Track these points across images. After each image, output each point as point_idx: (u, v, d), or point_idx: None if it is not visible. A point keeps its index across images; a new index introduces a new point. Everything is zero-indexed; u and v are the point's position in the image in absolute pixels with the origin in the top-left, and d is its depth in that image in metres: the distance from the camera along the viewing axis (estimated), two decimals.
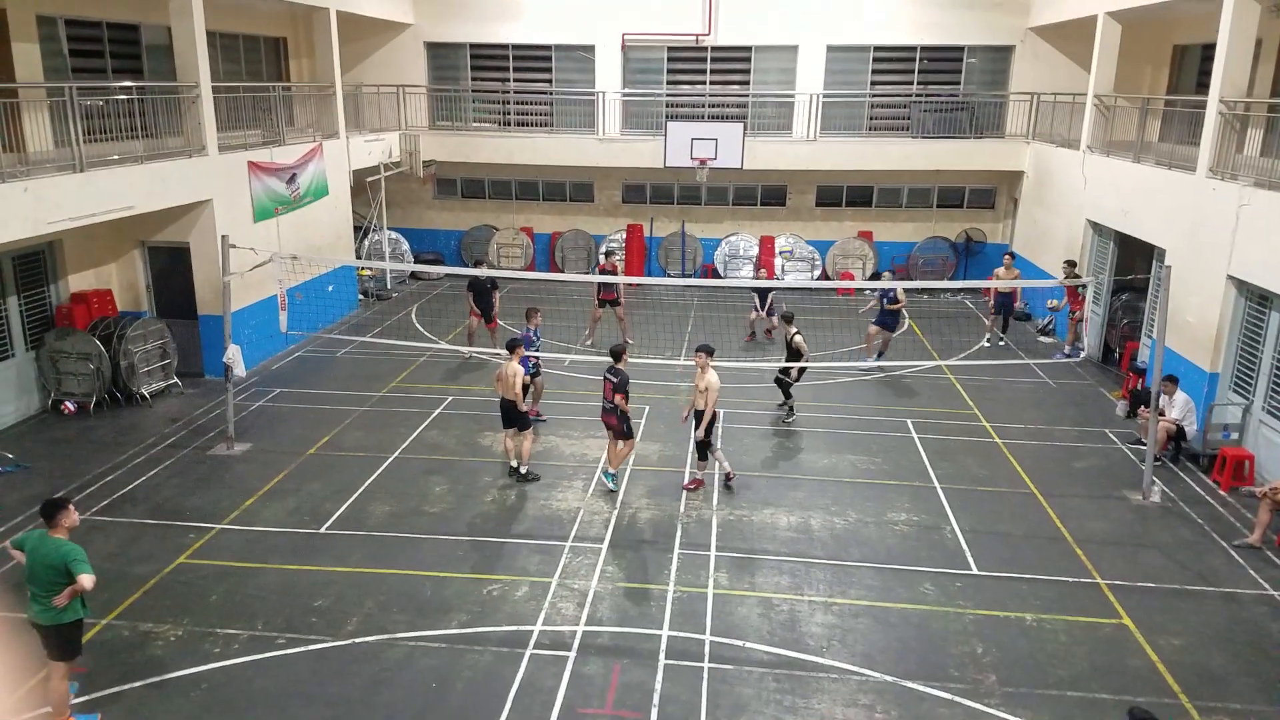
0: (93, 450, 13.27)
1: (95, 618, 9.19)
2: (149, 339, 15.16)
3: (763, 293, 19.48)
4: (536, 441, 13.17)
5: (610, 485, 12.16)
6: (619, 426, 11.98)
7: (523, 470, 12.47)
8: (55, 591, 7.36)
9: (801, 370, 14.94)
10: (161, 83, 15.54)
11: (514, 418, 12.35)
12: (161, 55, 17.30)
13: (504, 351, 12.59)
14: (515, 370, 12.12)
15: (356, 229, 22.66)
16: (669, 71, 24.82)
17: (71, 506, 7.66)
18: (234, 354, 13.15)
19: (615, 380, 11.78)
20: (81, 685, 8.19)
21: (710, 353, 12.13)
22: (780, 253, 24.51)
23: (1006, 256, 19.68)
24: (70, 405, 14.62)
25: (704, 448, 12.22)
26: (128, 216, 13.80)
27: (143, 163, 13.93)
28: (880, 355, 17.44)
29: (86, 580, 7.25)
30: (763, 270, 22.26)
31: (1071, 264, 18.18)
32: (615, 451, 12.22)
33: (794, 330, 14.66)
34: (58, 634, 7.53)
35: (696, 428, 12.03)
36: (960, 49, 24.05)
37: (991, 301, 19.50)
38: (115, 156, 13.51)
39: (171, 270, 16.24)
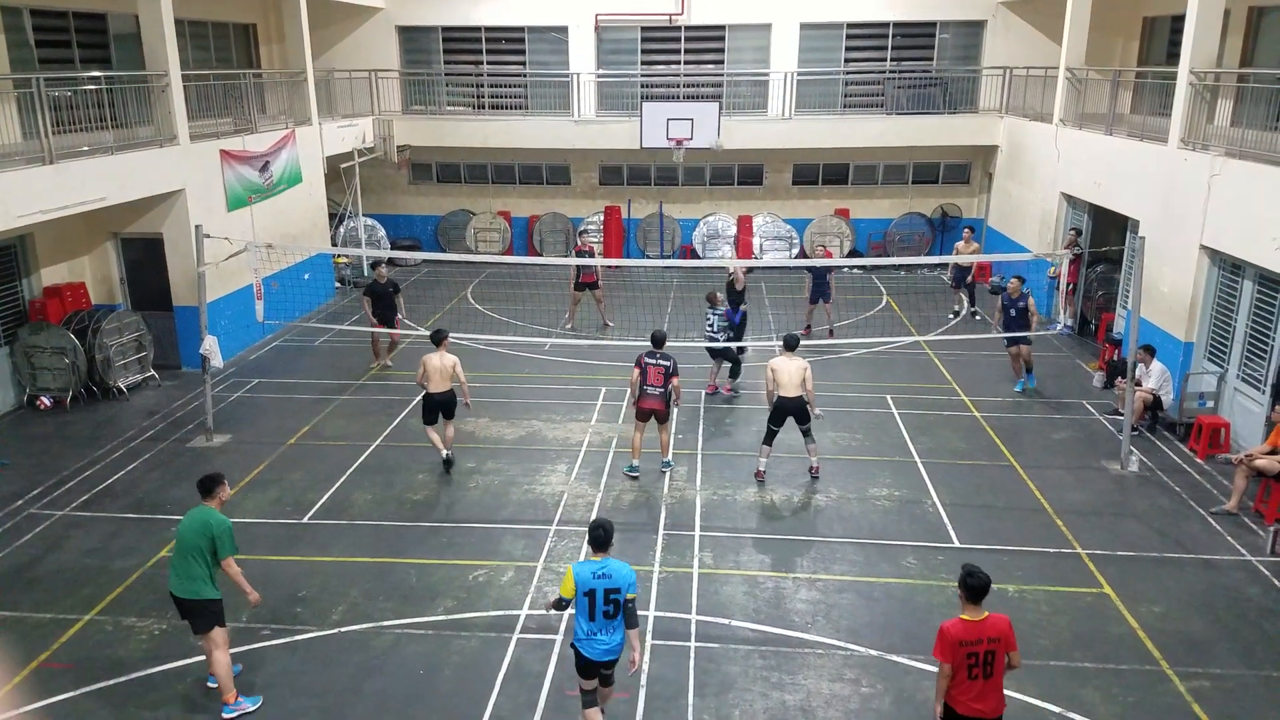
0: (70, 445, 13.15)
1: (79, 613, 9.16)
2: (124, 332, 15.02)
3: (819, 276, 17.87)
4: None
5: (672, 467, 12.27)
6: (665, 410, 11.83)
7: (446, 453, 12.31)
8: (197, 561, 7.49)
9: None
10: (130, 72, 15.34)
11: (449, 409, 12.24)
12: (129, 44, 17.05)
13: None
14: (453, 360, 12.04)
15: (331, 216, 22.48)
16: (643, 52, 24.70)
17: (226, 483, 7.90)
18: (211, 345, 13.04)
19: (668, 364, 11.62)
20: (64, 681, 8.15)
21: (785, 344, 12.02)
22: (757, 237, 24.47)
23: (966, 231, 19.64)
24: (46, 400, 14.48)
25: (770, 435, 12.10)
26: (100, 208, 13.66)
27: (113, 154, 13.77)
28: (1029, 371, 15.27)
29: (226, 565, 7.55)
30: (819, 248, 20.72)
31: (1077, 232, 18.23)
32: (663, 439, 12.17)
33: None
34: (195, 608, 7.61)
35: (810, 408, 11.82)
36: (933, 24, 24.06)
37: (950, 276, 19.51)
38: (85, 148, 13.35)
39: (145, 262, 16.08)
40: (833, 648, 8.66)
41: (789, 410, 11.77)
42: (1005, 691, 7.10)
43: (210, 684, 7.90)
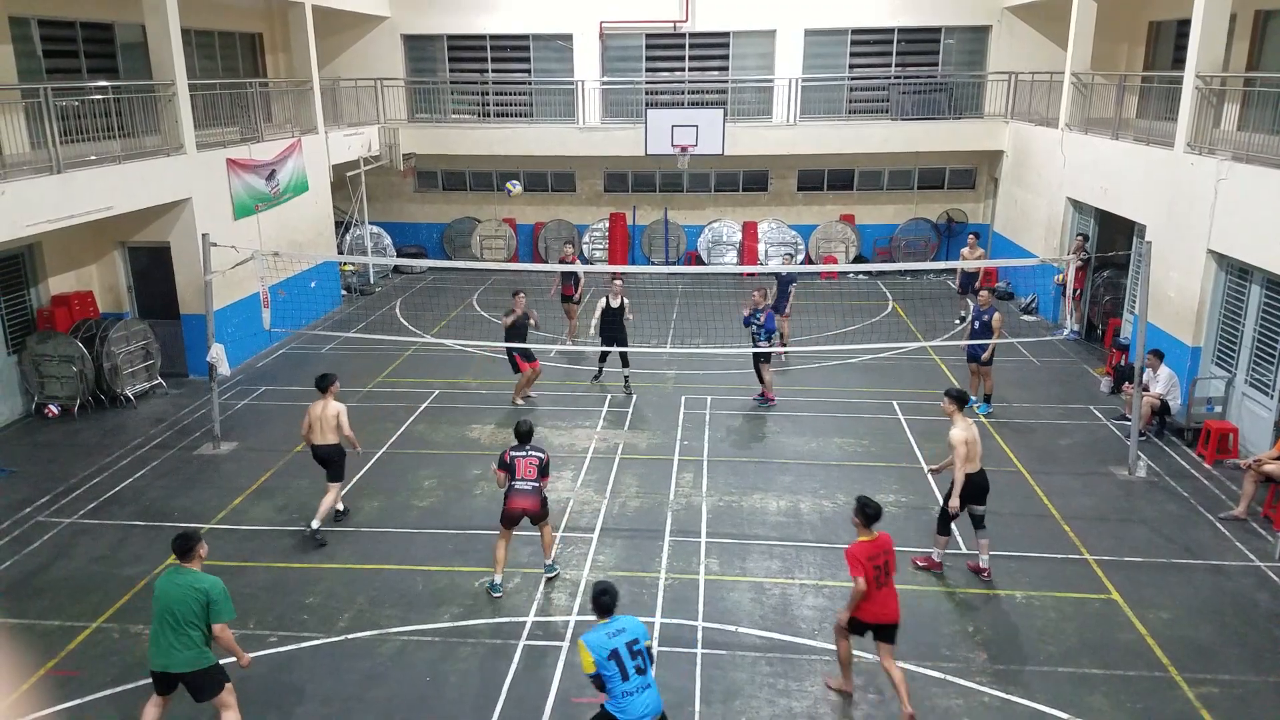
0: (78, 453, 13.19)
1: (86, 620, 9.18)
2: (131, 340, 15.06)
3: (783, 286, 17.22)
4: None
5: (556, 571, 10.01)
6: (540, 509, 9.52)
7: (315, 525, 10.62)
8: (193, 629, 6.85)
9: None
10: (137, 81, 15.40)
11: (332, 465, 10.74)
12: (136, 54, 17.14)
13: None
14: (337, 409, 10.60)
15: (337, 224, 22.55)
16: (648, 59, 24.76)
17: (204, 541, 7.28)
18: (218, 353, 13.08)
19: (541, 456, 9.50)
20: (72, 688, 8.16)
21: (959, 400, 9.88)
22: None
23: (971, 237, 19.49)
24: (54, 408, 14.52)
25: (945, 519, 9.95)
26: (107, 217, 13.70)
27: (121, 163, 13.81)
28: (986, 400, 14.48)
29: (220, 631, 6.93)
30: (783, 256, 20.09)
31: (1084, 238, 18.19)
32: (545, 538, 9.89)
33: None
34: (199, 678, 7.00)
35: (949, 496, 9.74)
36: (937, 30, 24.08)
37: (957, 283, 19.26)
38: (93, 157, 13.40)
39: (152, 270, 16.13)
40: None
41: (983, 487, 9.86)
42: (1010, 698, 7.15)
43: None
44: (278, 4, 21.18)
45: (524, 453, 9.47)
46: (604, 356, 15.68)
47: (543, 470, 9.47)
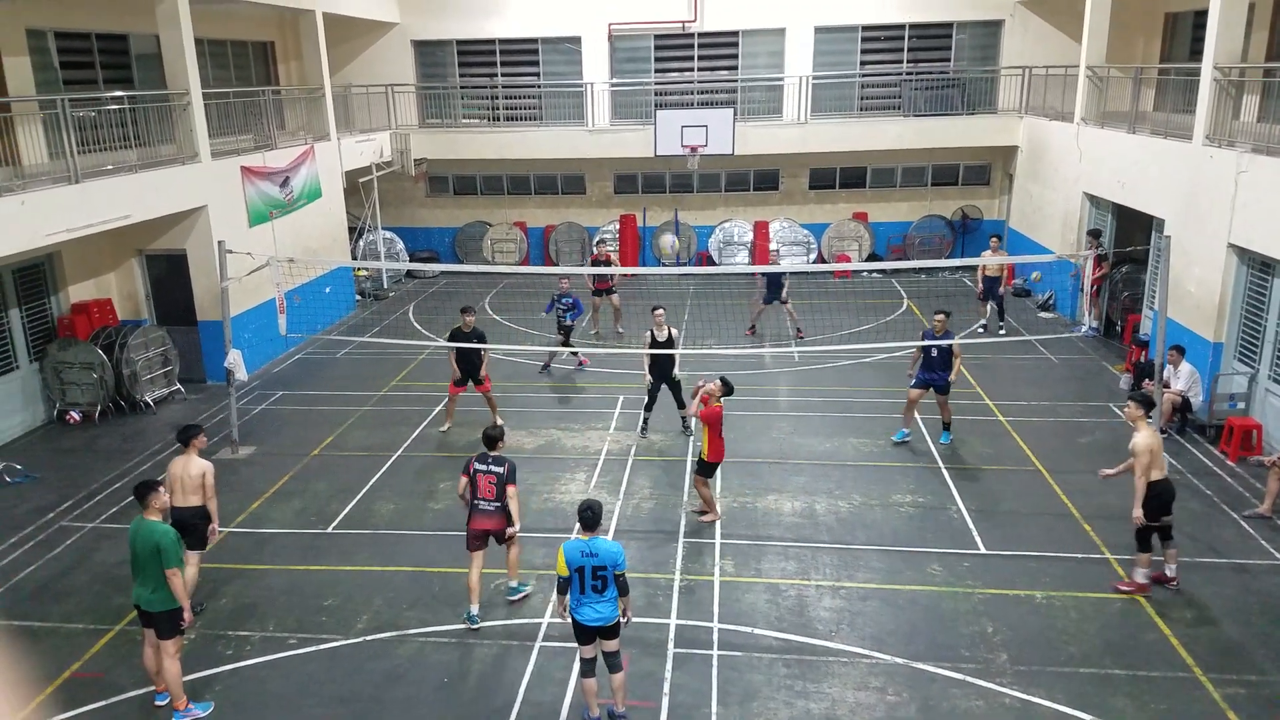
0: (99, 459, 13.28)
1: (109, 623, 9.24)
2: (150, 346, 15.17)
3: (772, 278, 17.98)
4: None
5: (524, 592, 9.62)
6: (503, 529, 9.02)
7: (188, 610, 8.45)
8: (156, 574, 7.56)
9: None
10: (152, 91, 15.51)
11: (195, 533, 9.05)
12: (151, 64, 17.25)
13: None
14: (203, 468, 9.06)
15: (351, 230, 22.64)
16: (657, 60, 24.75)
17: (161, 488, 7.85)
18: (235, 358, 13.16)
19: (500, 471, 8.90)
20: (95, 691, 8.21)
21: (1145, 405, 9.41)
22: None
23: (994, 239, 19.05)
24: (75, 415, 14.63)
25: (1143, 535, 9.38)
26: (125, 226, 13.80)
27: (137, 172, 13.93)
28: (945, 428, 13.43)
29: (170, 575, 7.55)
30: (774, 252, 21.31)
31: (1095, 234, 18.03)
32: (511, 557, 9.42)
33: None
34: (165, 617, 7.71)
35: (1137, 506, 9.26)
36: (949, 25, 23.96)
37: (980, 287, 18.72)
38: (110, 166, 13.51)
39: (170, 277, 16.25)
40: (857, 656, 8.59)
41: (1170, 495, 9.34)
42: (1032, 699, 7.10)
43: (158, 702, 7.98)
44: (289, 12, 21.24)
45: (485, 467, 8.91)
46: (650, 405, 13.76)
47: (503, 484, 8.87)
